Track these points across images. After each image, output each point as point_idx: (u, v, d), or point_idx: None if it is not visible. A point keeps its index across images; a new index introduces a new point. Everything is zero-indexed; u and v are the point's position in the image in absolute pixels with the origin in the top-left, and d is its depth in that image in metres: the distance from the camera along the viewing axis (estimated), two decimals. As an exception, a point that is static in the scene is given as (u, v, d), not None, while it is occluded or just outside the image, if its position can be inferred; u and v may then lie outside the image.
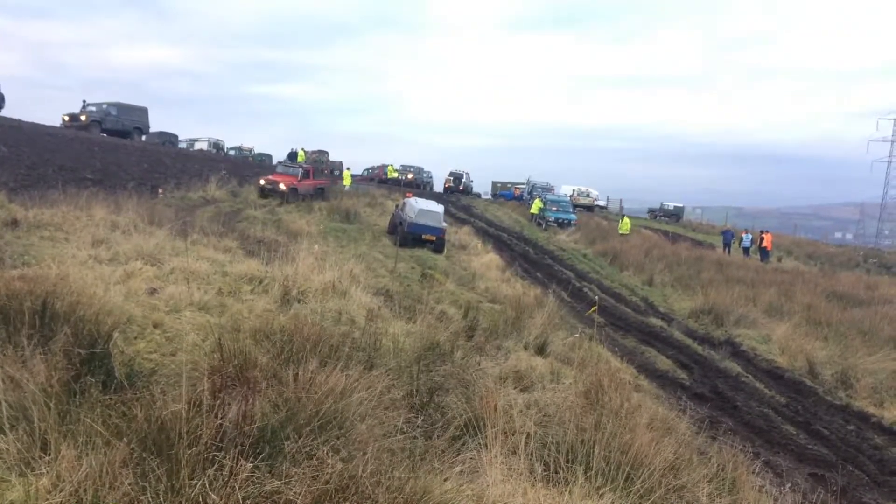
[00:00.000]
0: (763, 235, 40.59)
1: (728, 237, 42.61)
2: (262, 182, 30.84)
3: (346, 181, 42.74)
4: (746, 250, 40.77)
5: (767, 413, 12.91)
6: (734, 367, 16.02)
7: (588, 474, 5.55)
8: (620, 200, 69.83)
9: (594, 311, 14.49)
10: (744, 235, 42.53)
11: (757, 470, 7.86)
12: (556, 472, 5.58)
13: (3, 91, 35.72)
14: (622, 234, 39.37)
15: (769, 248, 39.88)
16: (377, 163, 62.24)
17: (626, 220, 43.09)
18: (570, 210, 44.65)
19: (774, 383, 15.21)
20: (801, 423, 12.58)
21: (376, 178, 57.28)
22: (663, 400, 11.67)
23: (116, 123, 39.80)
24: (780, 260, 41.28)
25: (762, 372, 16.02)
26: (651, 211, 67.58)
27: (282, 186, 30.24)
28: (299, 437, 4.58)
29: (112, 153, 30.45)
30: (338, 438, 4.76)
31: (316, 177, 34.53)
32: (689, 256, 33.10)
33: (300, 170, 33.22)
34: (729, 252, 40.49)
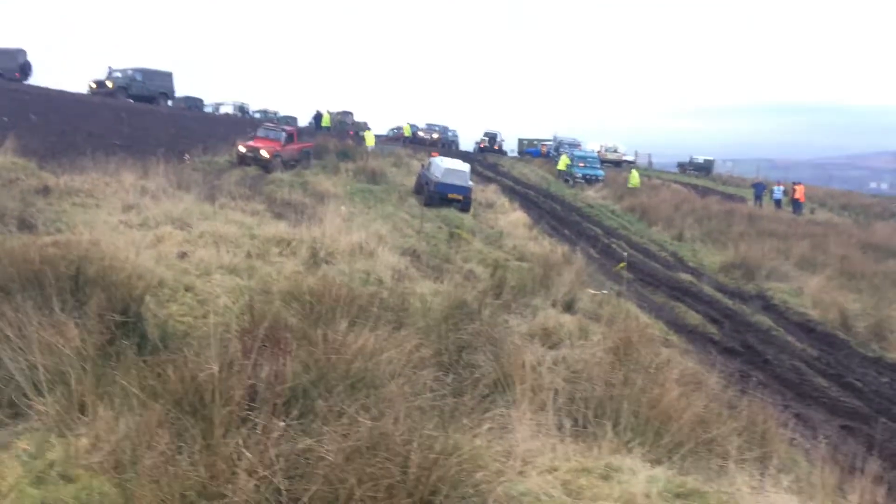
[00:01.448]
0: (795, 187, 39.81)
1: (759, 190, 41.84)
2: (241, 149, 26.32)
3: (370, 142, 42.56)
4: (778, 203, 40.07)
5: (799, 366, 12.81)
6: (765, 320, 15.87)
7: (617, 429, 5.56)
8: (649, 155, 68.79)
9: (622, 266, 14.41)
10: (775, 188, 41.74)
11: (788, 423, 7.82)
12: (585, 428, 5.60)
13: (29, 59, 35.95)
14: (631, 188, 38.89)
15: (802, 200, 39.13)
16: (401, 123, 61.85)
17: (635, 173, 42.41)
18: (598, 166, 44.08)
19: (806, 336, 15.06)
20: (833, 376, 12.47)
21: (401, 139, 57.02)
22: (693, 355, 11.61)
23: (142, 89, 39.93)
24: (812, 212, 40.52)
25: (794, 325, 15.86)
26: (680, 165, 66.43)
27: (263, 153, 26.17)
28: (330, 397, 4.64)
29: (139, 119, 30.61)
30: (368, 397, 4.81)
31: (301, 139, 30.70)
32: (719, 210, 32.63)
33: (283, 133, 28.77)
34: (760, 205, 39.80)
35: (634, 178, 40.76)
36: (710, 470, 5.20)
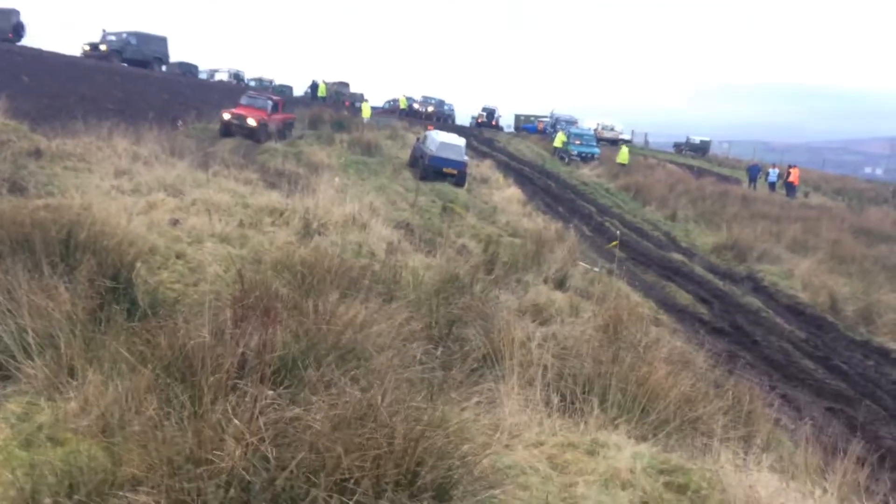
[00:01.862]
0: (790, 170, 39.86)
1: (754, 172, 41.88)
2: (226, 116, 24.91)
3: (365, 113, 42.30)
4: (773, 185, 40.13)
5: (786, 348, 12.92)
6: (755, 302, 15.97)
7: (604, 406, 5.61)
8: (646, 135, 68.64)
9: (615, 245, 14.44)
10: (770, 170, 41.79)
11: (774, 404, 7.90)
12: (573, 404, 5.65)
13: (23, 20, 35.44)
14: (621, 164, 38.95)
15: (796, 184, 39.19)
16: (398, 95, 61.46)
17: (625, 149, 42.39)
18: (594, 144, 44.01)
19: (795, 318, 15.17)
20: (820, 358, 12.58)
21: (397, 111, 56.68)
22: (682, 334, 11.69)
23: (136, 53, 39.50)
24: (806, 195, 40.63)
25: (783, 307, 15.96)
26: (677, 145, 66.33)
27: (250, 121, 24.76)
28: (319, 367, 4.65)
29: (132, 83, 30.32)
30: (357, 368, 4.82)
31: (286, 109, 29.64)
32: (713, 191, 32.69)
33: (269, 101, 27.41)
34: (755, 187, 39.87)
35: (623, 154, 40.76)
36: (694, 448, 5.25)
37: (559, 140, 43.68)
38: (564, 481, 4.38)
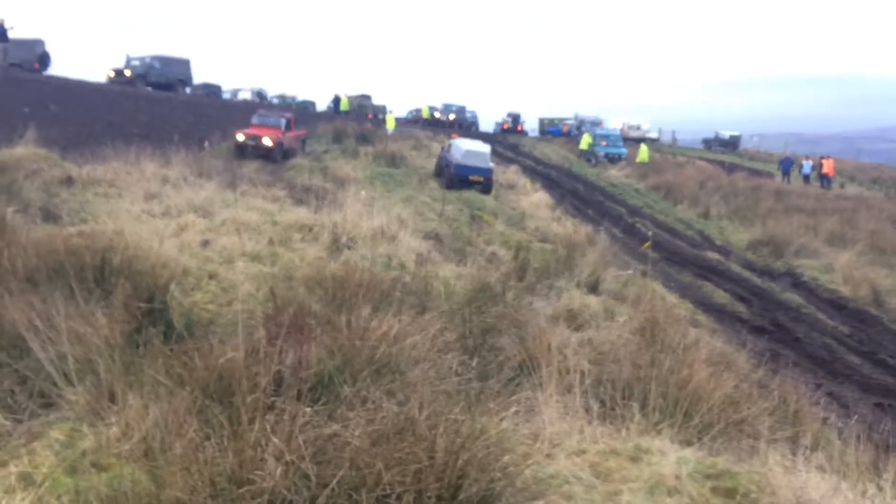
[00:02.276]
0: (823, 161, 39.17)
1: (787, 165, 41.18)
2: (240, 137, 23.92)
3: (390, 125, 42.45)
4: (807, 178, 39.46)
5: (830, 344, 12.65)
6: (795, 298, 15.67)
7: (645, 411, 5.51)
8: (673, 132, 67.97)
9: (648, 246, 14.28)
10: (804, 162, 41.08)
11: (820, 401, 7.72)
12: (613, 410, 5.56)
13: (48, 50, 36.12)
14: (641, 163, 38.66)
15: (831, 175, 38.49)
16: (420, 104, 61.64)
17: (644, 147, 41.93)
18: (621, 144, 43.67)
19: (837, 313, 14.85)
20: (865, 353, 12.30)
21: (420, 121, 56.85)
22: (722, 334, 11.49)
23: (160, 76, 40.04)
24: (842, 186, 39.86)
25: (824, 302, 15.64)
26: (706, 141, 65.56)
27: (266, 141, 23.82)
28: (355, 382, 4.63)
29: (158, 107, 30.76)
30: (393, 382, 4.80)
31: (298, 126, 28.38)
32: (746, 187, 32.22)
33: (282, 119, 26.27)
34: (788, 181, 39.23)
35: (643, 152, 40.41)
36: (741, 450, 5.14)
37: (585, 142, 43.40)
38: (609, 489, 4.30)
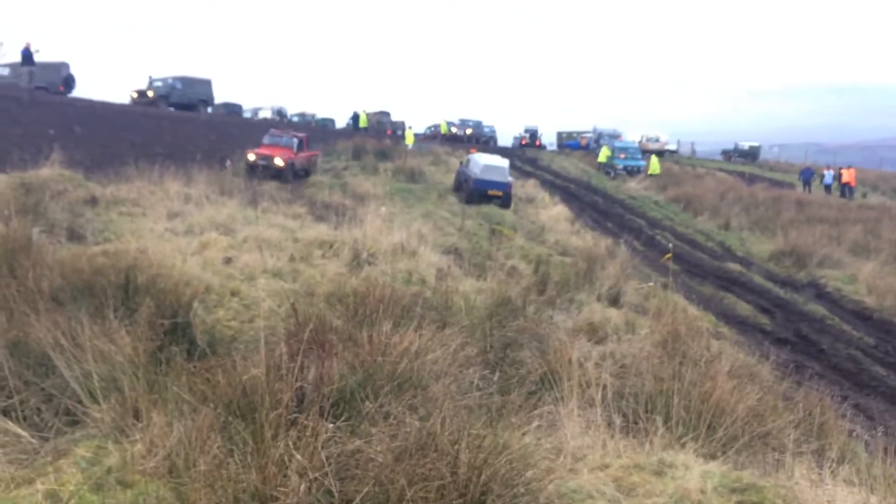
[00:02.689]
0: (842, 171, 38.85)
1: (807, 175, 40.81)
2: (251, 157, 23.39)
3: (409, 140, 42.64)
4: (828, 188, 39.08)
5: (856, 355, 12.47)
6: (818, 309, 15.48)
7: (668, 424, 5.46)
8: (692, 143, 67.64)
9: (668, 258, 14.20)
10: (825, 172, 40.71)
11: (846, 414, 7.62)
12: (636, 423, 5.52)
13: (72, 72, 36.72)
14: (652, 175, 38.56)
15: (852, 185, 38.09)
16: (438, 120, 61.82)
17: (655, 159, 41.68)
18: (639, 156, 43.51)
19: (862, 324, 14.65)
20: (891, 365, 12.12)
21: (438, 136, 57.04)
22: (745, 346, 11.38)
23: (182, 97, 40.56)
24: (864, 196, 39.41)
25: (849, 313, 15.44)
26: (725, 152, 65.14)
27: (278, 161, 23.26)
28: (377, 398, 4.64)
29: (180, 126, 31.16)
30: (415, 397, 4.80)
31: (315, 145, 27.82)
32: (766, 197, 31.97)
33: (295, 139, 25.34)
34: (809, 191, 38.87)
35: (654, 165, 40.22)
36: (766, 464, 5.08)
37: (603, 154, 43.31)
38: (633, 504, 4.27)
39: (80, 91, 36.50)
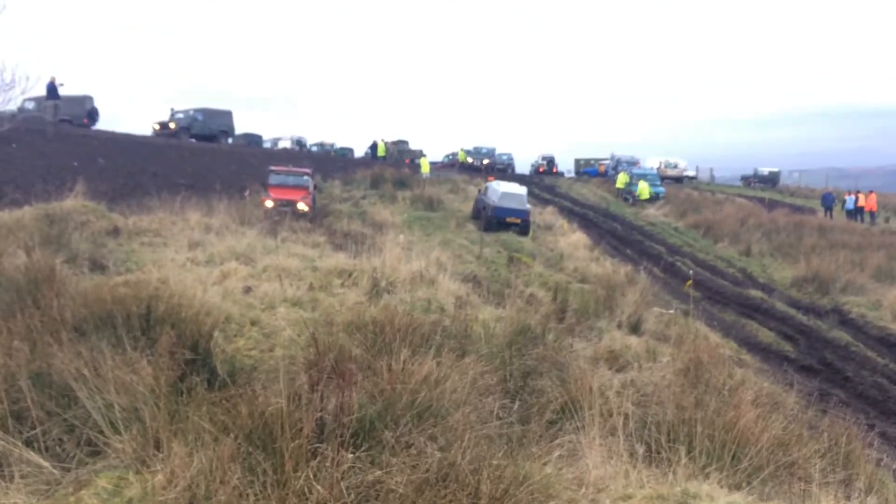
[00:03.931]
0: (858, 195, 38.60)
1: (829, 200, 40.46)
2: (269, 203, 21.22)
3: (425, 169, 42.85)
4: (850, 213, 38.70)
5: (882, 382, 12.26)
6: (843, 336, 15.27)
7: (691, 454, 5.38)
8: (711, 169, 67.32)
9: (689, 285, 14.09)
10: (847, 197, 40.34)
11: (873, 443, 7.46)
12: (658, 453, 5.45)
13: (96, 105, 37.38)
14: (643, 199, 38.94)
15: (875, 210, 37.71)
16: (456, 148, 62.16)
17: (643, 184, 41.61)
18: (658, 183, 43.42)
19: (888, 351, 14.42)
20: (919, 392, 11.88)
21: (456, 165, 57.32)
22: (768, 374, 11.23)
23: (203, 128, 41.10)
24: (887, 221, 38.98)
25: (874, 339, 15.21)
26: (745, 178, 64.81)
27: (301, 206, 21.63)
28: (397, 427, 4.62)
29: (201, 158, 31.55)
30: (434, 427, 4.77)
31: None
32: (787, 223, 31.71)
33: (305, 177, 23.64)
34: (831, 216, 38.52)
35: (643, 189, 40.35)
36: (792, 494, 5.00)
37: (621, 181, 43.26)
38: (657, 536, 4.20)
39: (104, 123, 37.12)
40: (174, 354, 5.42)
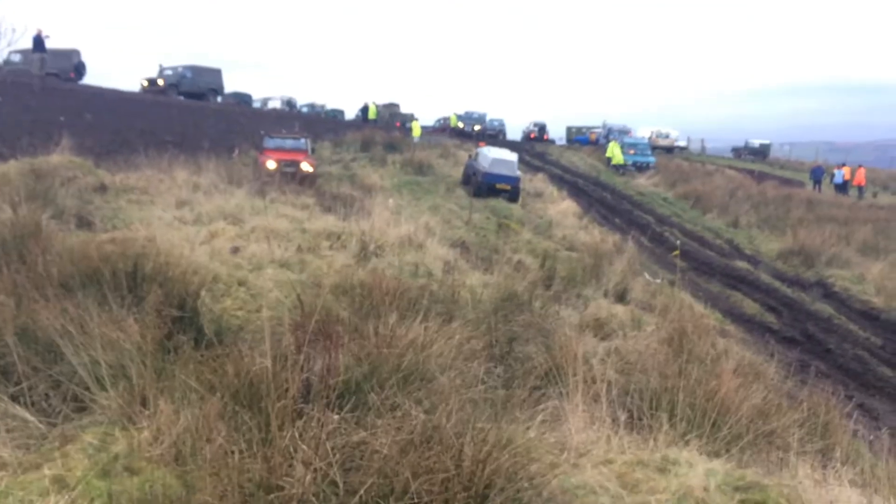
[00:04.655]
0: (844, 169, 38.80)
1: (818, 174, 40.63)
2: (271, 165, 20.59)
3: (416, 133, 42.58)
4: (839, 187, 38.88)
5: (862, 355, 12.43)
6: (826, 308, 15.44)
7: (672, 421, 5.46)
8: (702, 140, 67.36)
9: (676, 255, 14.16)
10: (836, 171, 40.51)
11: (851, 414, 7.59)
12: (640, 420, 5.52)
13: (83, 59, 36.80)
14: (616, 165, 39.83)
15: (863, 184, 37.91)
16: (448, 113, 61.74)
17: (614, 146, 41.79)
18: (649, 153, 43.39)
19: (870, 324, 14.60)
20: (898, 365, 12.07)
21: (447, 129, 56.99)
22: (751, 345, 11.36)
23: (192, 86, 40.60)
24: (875, 195, 39.20)
25: (856, 313, 15.39)
26: (735, 150, 64.91)
27: (306, 167, 21.12)
28: (382, 390, 4.65)
29: (190, 115, 31.18)
30: (420, 390, 4.82)
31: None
32: (776, 196, 31.86)
33: (303, 140, 23.10)
34: (820, 190, 38.69)
35: (616, 155, 40.52)
36: (770, 462, 5.07)
37: (612, 150, 43.23)
38: (636, 501, 4.27)
39: (91, 78, 36.59)
40: (161, 313, 5.42)
